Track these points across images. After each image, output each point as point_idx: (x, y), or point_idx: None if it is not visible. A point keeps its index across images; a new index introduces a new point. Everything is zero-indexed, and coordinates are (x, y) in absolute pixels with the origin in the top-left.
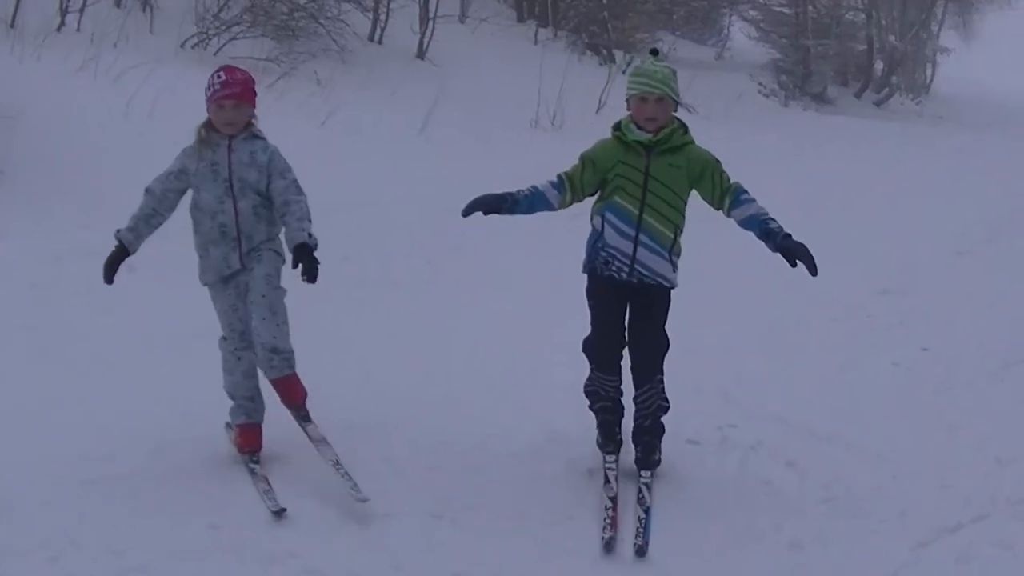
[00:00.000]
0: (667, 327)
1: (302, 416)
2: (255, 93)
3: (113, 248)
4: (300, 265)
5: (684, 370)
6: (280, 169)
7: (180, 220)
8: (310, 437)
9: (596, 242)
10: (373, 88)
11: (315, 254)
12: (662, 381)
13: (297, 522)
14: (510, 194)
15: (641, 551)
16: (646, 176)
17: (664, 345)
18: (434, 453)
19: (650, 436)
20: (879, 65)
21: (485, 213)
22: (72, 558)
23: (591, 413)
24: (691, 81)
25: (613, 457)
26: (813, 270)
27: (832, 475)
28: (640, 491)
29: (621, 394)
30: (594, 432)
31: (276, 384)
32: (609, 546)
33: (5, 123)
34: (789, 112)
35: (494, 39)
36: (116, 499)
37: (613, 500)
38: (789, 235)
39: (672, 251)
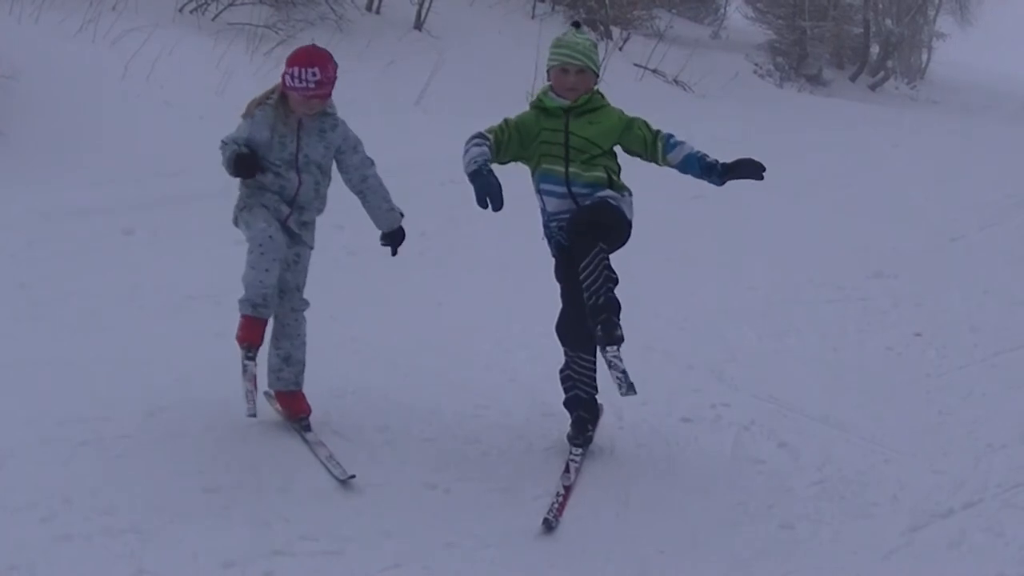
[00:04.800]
0: (665, 306)
1: (303, 426)
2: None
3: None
4: (389, 245)
5: (677, 347)
6: (352, 143)
7: (180, 190)
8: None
9: (544, 218)
10: (370, 59)
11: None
12: (604, 251)
13: (290, 488)
14: (489, 169)
15: (625, 390)
16: (566, 134)
17: (609, 232)
18: (427, 423)
19: (607, 313)
20: (875, 48)
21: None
22: (64, 517)
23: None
24: (687, 60)
25: (580, 451)
26: (761, 173)
27: (824, 457)
28: (610, 362)
29: (596, 389)
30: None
31: (280, 396)
32: (548, 526)
33: (3, 84)
34: (784, 93)
35: (492, 12)
36: (109, 460)
37: (567, 489)
38: (727, 163)
39: (612, 189)
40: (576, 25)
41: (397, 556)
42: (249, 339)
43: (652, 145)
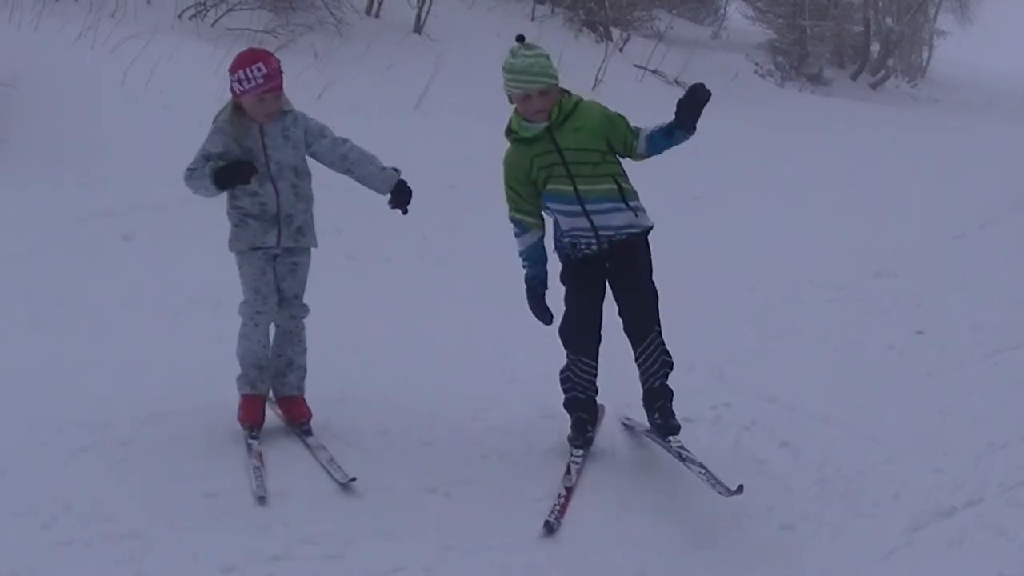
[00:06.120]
0: (666, 306)
1: (304, 431)
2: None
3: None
4: (397, 202)
5: (678, 348)
6: (316, 130)
7: (180, 194)
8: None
9: (556, 233)
10: (370, 62)
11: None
12: (660, 335)
13: (290, 492)
14: (541, 282)
15: (733, 490)
16: (559, 152)
17: (653, 293)
18: (427, 427)
19: (663, 401)
20: (875, 47)
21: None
22: (64, 522)
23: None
24: (687, 60)
25: (580, 452)
26: (705, 91)
27: (825, 456)
28: (681, 454)
29: (596, 391)
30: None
31: (281, 401)
32: (549, 528)
33: (3, 91)
34: (785, 93)
35: (491, 15)
36: (109, 465)
37: (568, 491)
38: (676, 115)
39: (625, 200)
40: (520, 40)
41: (398, 559)
42: (251, 420)
43: (632, 144)
